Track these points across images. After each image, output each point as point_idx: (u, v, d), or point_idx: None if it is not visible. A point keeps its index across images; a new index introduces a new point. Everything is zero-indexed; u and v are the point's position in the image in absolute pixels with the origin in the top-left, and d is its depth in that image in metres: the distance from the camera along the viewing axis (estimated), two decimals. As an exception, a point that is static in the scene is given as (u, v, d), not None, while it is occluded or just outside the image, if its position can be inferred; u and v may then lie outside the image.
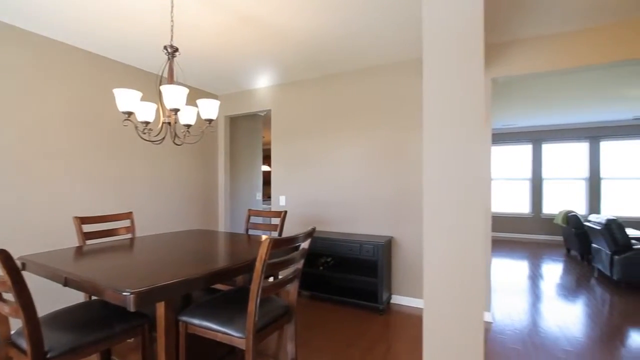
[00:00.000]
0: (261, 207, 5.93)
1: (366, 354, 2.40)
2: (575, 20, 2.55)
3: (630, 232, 5.11)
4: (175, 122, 1.88)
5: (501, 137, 7.89)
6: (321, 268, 3.44)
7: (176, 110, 1.76)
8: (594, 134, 7.09)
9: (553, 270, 4.92)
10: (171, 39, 2.03)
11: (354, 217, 3.63)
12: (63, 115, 2.91)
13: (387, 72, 3.45)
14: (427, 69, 1.07)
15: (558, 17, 2.50)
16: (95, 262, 1.71)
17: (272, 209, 4.21)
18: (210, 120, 2.03)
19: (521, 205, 7.76)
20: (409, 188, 3.30)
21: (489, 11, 2.40)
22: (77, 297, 2.93)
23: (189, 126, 2.14)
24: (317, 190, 3.86)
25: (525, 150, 7.72)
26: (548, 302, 3.57)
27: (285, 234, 3.80)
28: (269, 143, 7.96)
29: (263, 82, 4.11)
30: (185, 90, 1.79)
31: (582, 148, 7.23)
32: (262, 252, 1.33)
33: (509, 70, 2.87)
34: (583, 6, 2.35)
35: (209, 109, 2.03)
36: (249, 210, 3.05)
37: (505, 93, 4.77)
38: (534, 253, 6.15)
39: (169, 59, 2.02)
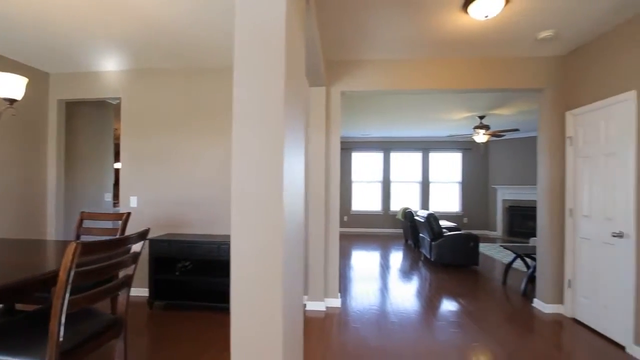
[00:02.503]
0: (112, 209, 5.10)
1: (219, 356, 2.35)
2: (400, 51, 3.14)
3: (444, 223, 6.60)
4: (-52, 98, 1.42)
5: (359, 145, 9.02)
6: (177, 273, 3.19)
7: (-53, 82, 1.33)
8: (425, 147, 8.90)
9: (394, 258, 5.90)
10: (-52, -12, 1.54)
11: (214, 218, 3.51)
12: None
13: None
14: (236, 75, 1.13)
15: (387, 46, 3.03)
16: None
17: (122, 212, 3.67)
18: (11, 101, 1.62)
19: (375, 204, 9.06)
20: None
21: (336, 31, 2.71)
22: None
23: (-20, 106, 1.66)
24: (174, 190, 3.57)
25: (378, 157, 9.06)
26: (387, 284, 4.26)
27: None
28: (125, 137, 6.91)
29: (112, 64, 3.55)
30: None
31: (417, 157, 8.98)
32: (67, 259, 1.13)
33: (355, 86, 3.31)
34: (403, 40, 2.91)
35: (11, 86, 1.61)
36: (82, 212, 2.58)
37: (359, 106, 5.47)
38: (383, 244, 7.25)
39: (-57, 13, 1.52)
